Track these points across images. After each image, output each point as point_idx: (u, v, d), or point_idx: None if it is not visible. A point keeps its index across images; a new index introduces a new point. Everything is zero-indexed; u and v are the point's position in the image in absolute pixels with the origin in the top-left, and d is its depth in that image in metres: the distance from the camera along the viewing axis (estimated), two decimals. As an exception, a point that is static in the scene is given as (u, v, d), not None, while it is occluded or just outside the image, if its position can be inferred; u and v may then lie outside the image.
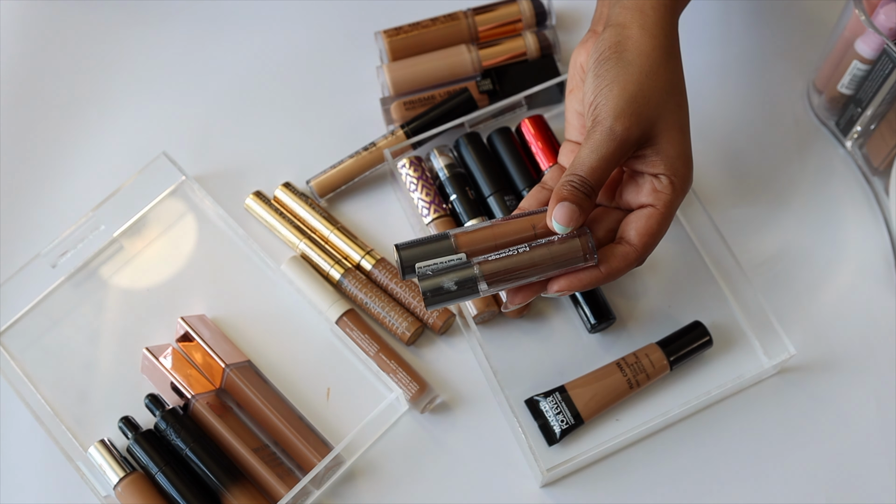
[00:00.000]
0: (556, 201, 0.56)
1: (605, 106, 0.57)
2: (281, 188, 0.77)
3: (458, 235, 0.58)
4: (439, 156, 0.76)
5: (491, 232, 0.58)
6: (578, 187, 0.56)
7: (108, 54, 0.85)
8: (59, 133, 0.82)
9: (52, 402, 0.72)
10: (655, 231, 0.58)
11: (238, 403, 0.70)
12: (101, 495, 0.67)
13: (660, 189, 0.58)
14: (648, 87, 0.57)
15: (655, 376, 0.69)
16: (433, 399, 0.70)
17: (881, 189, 0.76)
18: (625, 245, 0.58)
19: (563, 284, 0.58)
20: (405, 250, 0.57)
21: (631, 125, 0.56)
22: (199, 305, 0.75)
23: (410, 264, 0.57)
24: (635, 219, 0.59)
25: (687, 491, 0.68)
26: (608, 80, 0.57)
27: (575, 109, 0.64)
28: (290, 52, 0.84)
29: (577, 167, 0.57)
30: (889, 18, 0.68)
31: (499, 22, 0.81)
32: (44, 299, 0.76)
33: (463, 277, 0.56)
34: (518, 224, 0.58)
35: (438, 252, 0.57)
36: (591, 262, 0.57)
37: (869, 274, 0.74)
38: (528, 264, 0.57)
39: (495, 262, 0.56)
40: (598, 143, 0.56)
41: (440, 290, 0.56)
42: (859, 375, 0.71)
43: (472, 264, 0.57)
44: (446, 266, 0.57)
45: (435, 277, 0.56)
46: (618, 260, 0.58)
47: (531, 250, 0.57)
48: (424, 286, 0.56)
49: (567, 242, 0.57)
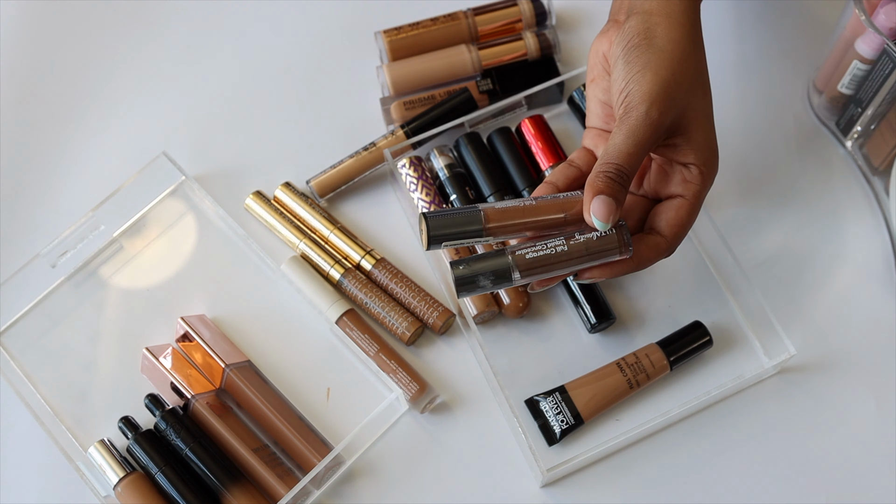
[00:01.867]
0: (592, 193, 0.55)
1: (637, 92, 0.56)
2: (281, 188, 0.77)
3: (487, 211, 0.56)
4: (439, 156, 0.76)
5: (521, 211, 0.57)
6: (615, 178, 0.55)
7: (108, 54, 0.85)
8: (59, 133, 0.82)
9: (52, 402, 0.72)
10: (686, 222, 0.58)
11: (238, 403, 0.70)
12: (101, 495, 0.67)
13: (689, 179, 0.58)
14: (680, 74, 0.56)
15: (655, 376, 0.69)
16: (433, 399, 0.70)
17: (881, 189, 0.76)
18: (655, 236, 0.58)
19: (594, 274, 0.58)
20: (433, 219, 0.55)
21: (665, 110, 0.56)
22: (199, 305, 0.75)
23: (437, 236, 0.55)
24: (665, 209, 0.59)
25: (687, 491, 0.68)
26: (639, 66, 0.56)
27: (597, 98, 0.63)
28: (289, 52, 0.84)
29: (612, 155, 0.56)
30: (889, 18, 0.68)
31: (499, 22, 0.81)
32: (44, 299, 0.76)
33: (498, 271, 0.56)
34: (549, 208, 0.57)
35: (466, 225, 0.56)
36: (626, 254, 0.57)
37: (869, 274, 0.74)
38: (564, 259, 0.56)
39: (532, 259, 0.56)
40: (632, 129, 0.55)
41: (474, 284, 0.56)
42: (859, 375, 0.71)
43: (506, 255, 0.56)
44: (479, 257, 0.56)
45: (468, 268, 0.56)
46: (648, 250, 0.58)
47: (569, 248, 0.56)
48: (459, 276, 0.56)
49: (605, 238, 0.56)
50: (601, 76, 0.62)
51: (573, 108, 0.79)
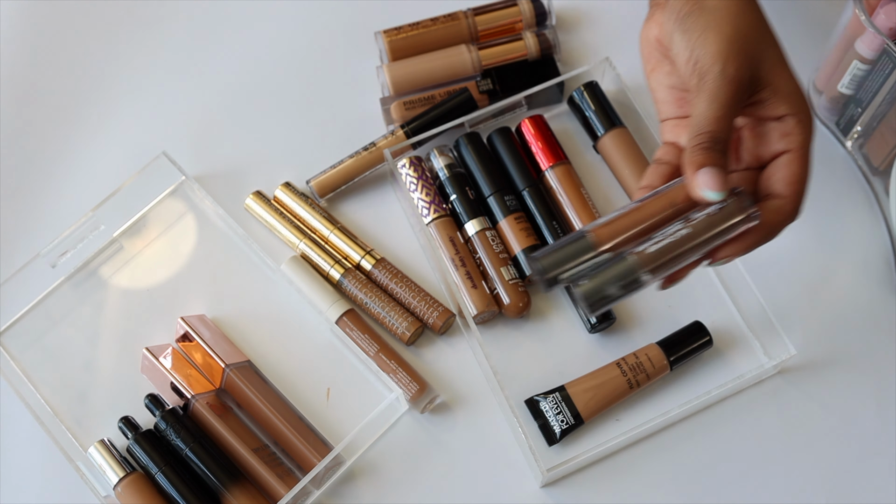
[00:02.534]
0: (693, 170, 0.52)
1: (706, 54, 0.53)
2: (281, 188, 0.77)
3: (596, 230, 0.52)
4: (439, 156, 0.76)
5: (631, 219, 0.53)
6: (710, 147, 0.52)
7: (109, 54, 0.85)
8: (59, 133, 0.82)
9: (52, 402, 0.72)
10: (801, 175, 0.54)
11: (238, 403, 0.70)
12: (101, 495, 0.67)
13: (788, 131, 0.55)
14: (743, 26, 0.54)
15: (655, 376, 0.69)
16: (433, 399, 0.70)
17: (881, 189, 0.76)
18: (775, 199, 0.54)
19: (728, 252, 0.54)
20: (544, 259, 0.51)
21: (740, 65, 0.53)
22: (199, 305, 0.75)
23: (554, 276, 0.52)
24: (775, 170, 0.55)
25: (687, 491, 0.68)
26: (699, 30, 0.54)
27: (663, 85, 0.60)
28: (290, 52, 0.84)
29: (701, 124, 0.53)
30: (889, 18, 0.68)
31: (499, 22, 0.81)
32: (44, 299, 0.76)
33: (625, 277, 0.51)
34: (656, 204, 0.54)
35: (578, 254, 0.52)
36: (754, 220, 0.53)
37: (869, 274, 0.74)
38: (691, 243, 0.52)
39: (658, 251, 0.52)
40: (714, 92, 0.53)
41: (604, 297, 0.51)
42: (859, 375, 0.71)
43: (626, 258, 0.52)
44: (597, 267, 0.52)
45: (592, 283, 0.51)
46: (773, 215, 0.54)
47: (693, 228, 0.52)
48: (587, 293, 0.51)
49: (725, 208, 0.52)
50: (660, 62, 0.60)
51: (573, 108, 0.79)
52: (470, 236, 0.74)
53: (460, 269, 0.72)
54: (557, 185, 0.75)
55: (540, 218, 0.74)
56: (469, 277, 0.71)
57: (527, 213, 0.74)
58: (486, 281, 0.72)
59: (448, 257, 0.72)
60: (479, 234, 0.73)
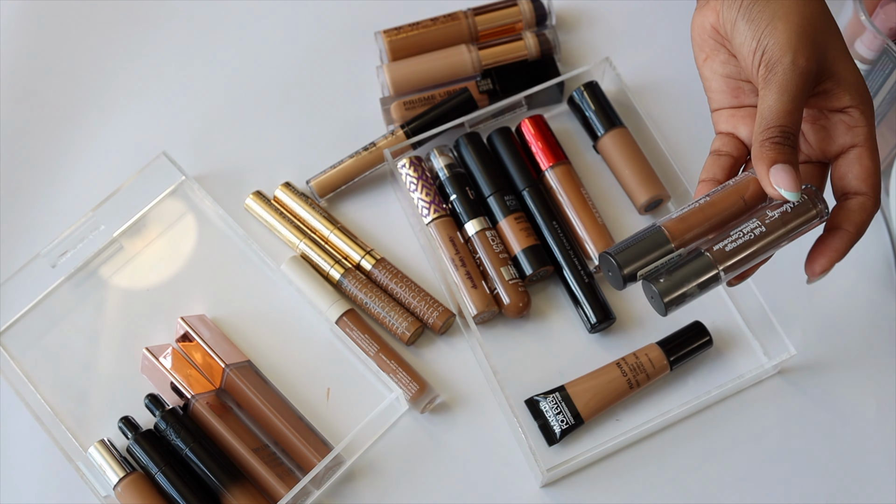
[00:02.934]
0: (766, 165, 0.51)
1: (775, 45, 0.52)
2: (281, 188, 0.77)
3: (668, 225, 0.52)
4: (439, 156, 0.76)
5: (703, 214, 0.53)
6: (782, 141, 0.51)
7: (109, 54, 0.85)
8: (59, 133, 0.82)
9: (52, 402, 0.72)
10: (873, 168, 0.54)
11: (238, 403, 0.70)
12: (101, 495, 0.67)
13: (854, 123, 0.54)
14: (810, 14, 0.53)
15: (655, 376, 0.69)
16: (433, 399, 0.70)
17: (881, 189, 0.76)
18: (856, 197, 0.54)
19: (824, 264, 0.54)
20: (620, 254, 0.51)
21: (810, 55, 0.52)
22: (199, 305, 0.75)
23: (631, 272, 0.51)
24: (847, 166, 0.54)
25: (687, 491, 0.68)
26: (766, 19, 0.53)
27: (718, 74, 0.59)
28: (290, 52, 0.84)
29: (771, 117, 0.52)
30: (889, 18, 0.68)
31: (499, 22, 0.81)
32: (44, 299, 0.75)
33: (703, 274, 0.51)
34: (727, 199, 0.53)
35: (654, 248, 0.52)
36: (825, 216, 0.53)
37: (869, 274, 0.74)
38: (766, 241, 0.52)
39: (733, 249, 0.52)
40: (783, 83, 0.52)
41: (682, 296, 0.51)
42: (859, 375, 0.71)
43: (704, 255, 0.52)
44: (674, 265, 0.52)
45: (669, 277, 0.51)
46: (858, 213, 0.54)
47: (766, 226, 0.52)
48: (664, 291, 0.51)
49: (798, 206, 0.53)
50: (715, 50, 0.59)
51: (573, 108, 0.79)
52: (470, 236, 0.74)
53: (460, 269, 0.72)
54: (557, 185, 0.75)
55: (540, 218, 0.74)
56: (469, 277, 0.71)
57: (527, 213, 0.74)
58: (486, 281, 0.72)
59: (448, 257, 0.72)
60: (479, 234, 0.73)
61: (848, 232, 0.54)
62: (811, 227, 0.54)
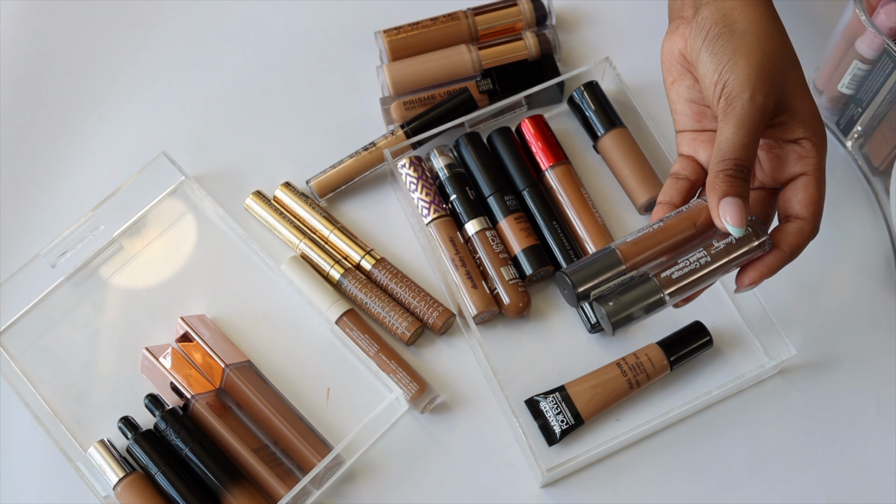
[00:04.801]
0: (717, 197, 0.54)
1: (735, 81, 0.54)
2: (281, 188, 0.77)
3: (622, 248, 0.56)
4: (439, 156, 0.76)
5: (656, 238, 0.56)
6: (735, 174, 0.54)
7: (108, 54, 0.85)
8: (59, 133, 0.82)
9: (52, 402, 0.72)
10: (818, 197, 0.57)
11: (238, 403, 0.70)
12: (101, 495, 0.67)
13: (805, 154, 0.56)
14: (771, 51, 0.55)
15: (655, 376, 0.69)
16: (433, 399, 0.70)
17: (881, 189, 0.76)
18: (795, 220, 0.57)
19: (753, 277, 0.57)
20: (575, 274, 0.55)
21: (768, 92, 0.54)
22: (199, 305, 0.75)
23: (585, 291, 0.55)
24: (793, 192, 0.57)
25: (687, 491, 0.68)
26: (728, 54, 0.55)
27: (683, 98, 0.61)
28: (290, 52, 0.84)
29: (727, 150, 0.54)
30: (889, 18, 0.68)
31: (499, 22, 0.81)
32: (44, 299, 0.75)
33: (649, 300, 0.55)
34: (679, 224, 0.57)
35: (607, 269, 0.55)
36: (766, 248, 0.56)
37: (869, 274, 0.74)
38: (710, 270, 0.56)
39: (679, 277, 0.55)
40: (740, 118, 0.54)
41: (629, 317, 0.55)
42: (860, 375, 0.71)
43: (651, 280, 0.55)
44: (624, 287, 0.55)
45: (618, 303, 0.55)
46: (795, 237, 0.56)
47: (711, 257, 0.56)
48: (612, 313, 0.55)
49: (742, 237, 0.56)
50: (682, 75, 0.61)
51: (573, 108, 0.79)
52: (470, 236, 0.73)
53: (460, 269, 0.72)
54: (557, 185, 0.75)
55: (540, 218, 0.74)
56: (469, 277, 0.71)
57: (527, 213, 0.74)
58: (486, 281, 0.72)
59: (448, 257, 0.72)
60: (479, 234, 0.73)
61: (782, 252, 0.57)
62: (754, 257, 0.57)
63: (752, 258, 0.57)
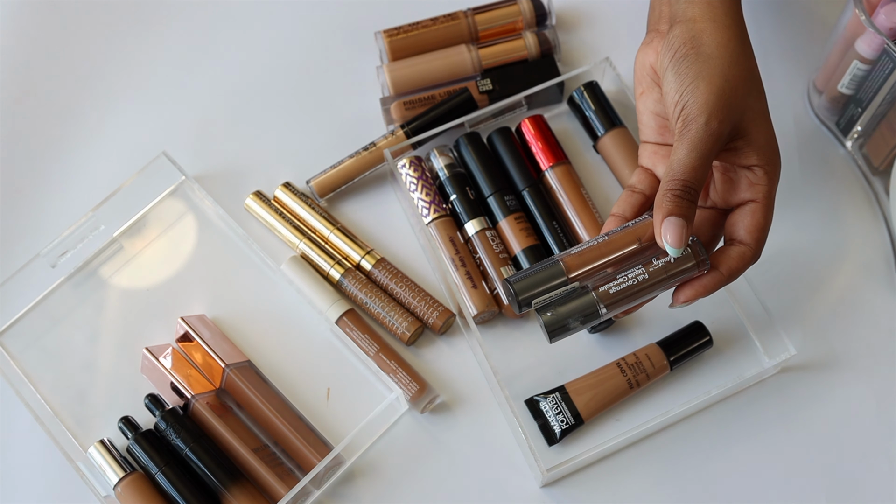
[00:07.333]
0: (662, 215, 0.55)
1: (694, 104, 0.55)
2: (281, 188, 0.77)
3: (566, 259, 0.57)
4: (439, 156, 0.76)
5: (600, 251, 0.57)
6: (682, 195, 0.55)
7: (108, 54, 0.85)
8: (59, 133, 0.82)
9: (52, 402, 0.72)
10: (763, 225, 0.58)
11: (238, 403, 0.70)
12: (101, 495, 0.67)
13: (756, 182, 0.57)
14: (733, 78, 0.56)
15: (655, 376, 0.69)
16: (433, 399, 0.70)
17: (881, 189, 0.76)
18: (738, 245, 0.58)
19: (689, 295, 0.57)
20: (518, 283, 0.56)
21: (724, 118, 0.55)
22: (199, 305, 0.75)
23: (526, 299, 0.56)
24: (740, 217, 0.58)
25: (687, 491, 0.68)
26: (691, 76, 0.56)
27: (650, 110, 0.62)
28: (290, 52, 0.84)
29: (677, 171, 0.55)
30: (889, 18, 0.68)
31: (499, 22, 0.81)
32: (44, 299, 0.76)
33: (586, 311, 0.56)
34: (623, 239, 0.58)
35: (549, 280, 0.56)
36: (704, 268, 0.57)
37: (869, 274, 0.74)
38: (646, 286, 0.57)
39: (616, 292, 0.56)
40: (694, 142, 0.55)
41: (565, 328, 0.57)
42: (859, 375, 0.71)
43: (590, 292, 0.56)
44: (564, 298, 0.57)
45: (556, 313, 0.56)
46: (736, 261, 0.57)
47: (649, 275, 0.57)
48: (548, 322, 0.56)
49: (681, 257, 0.57)
50: (650, 88, 0.62)
51: (573, 108, 0.79)
52: (470, 236, 0.74)
53: (460, 269, 0.72)
54: (557, 185, 0.75)
55: (540, 218, 0.74)
56: (469, 277, 0.71)
57: (527, 213, 0.74)
58: (486, 281, 0.72)
59: (448, 257, 0.72)
60: (479, 234, 0.73)
61: (721, 274, 0.57)
62: (692, 276, 0.58)
63: (690, 277, 0.57)
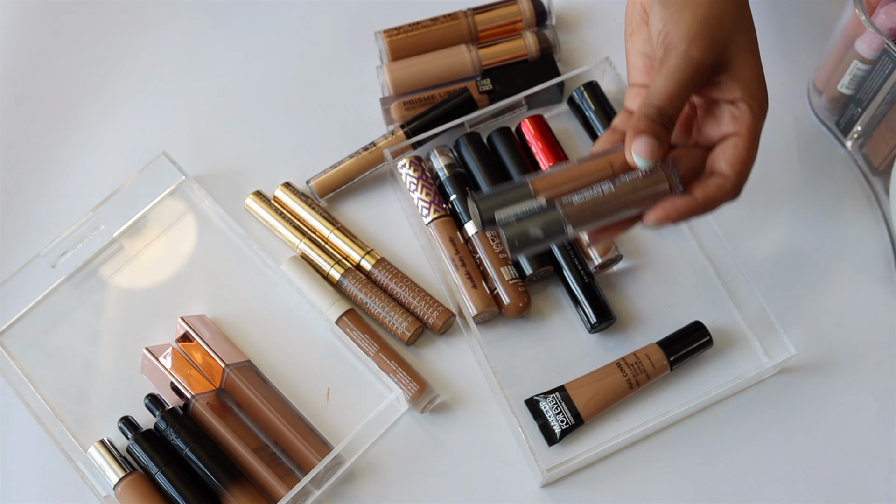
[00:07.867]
0: (633, 135, 0.54)
1: (676, 31, 0.55)
2: (281, 188, 0.77)
3: (535, 181, 0.56)
4: (439, 156, 0.76)
5: (569, 174, 0.56)
6: (655, 119, 0.54)
7: (109, 54, 0.85)
8: (59, 132, 0.82)
9: (52, 402, 0.72)
10: (745, 158, 0.56)
11: (238, 403, 0.70)
12: (101, 495, 0.67)
13: (739, 116, 0.56)
14: (719, 10, 0.55)
15: (655, 376, 0.69)
16: (433, 399, 0.70)
17: (881, 189, 0.76)
18: (717, 176, 0.56)
19: (659, 214, 0.56)
20: (483, 201, 0.55)
21: (706, 48, 0.54)
22: (199, 305, 0.75)
23: (490, 216, 0.55)
24: (722, 150, 0.57)
25: (687, 491, 0.68)
26: (676, 5, 0.56)
27: (638, 51, 0.61)
28: (290, 52, 0.84)
29: (653, 97, 0.54)
30: (889, 18, 0.68)
31: (499, 22, 0.81)
32: (44, 299, 0.76)
33: (549, 222, 0.54)
34: (595, 164, 0.56)
35: (517, 200, 0.55)
36: (677, 191, 0.55)
37: (869, 274, 0.74)
38: (613, 202, 0.55)
39: (580, 203, 0.55)
40: (673, 70, 0.54)
41: (527, 237, 0.54)
42: (859, 375, 0.71)
43: (555, 207, 0.55)
44: (529, 213, 0.55)
45: (519, 225, 0.54)
46: (713, 189, 0.56)
47: (616, 188, 0.55)
48: (509, 234, 0.54)
49: (651, 176, 0.55)
50: (640, 28, 0.61)
51: (573, 108, 0.79)
52: (470, 236, 0.74)
53: (460, 269, 0.72)
54: (557, 185, 0.75)
55: (540, 218, 0.74)
56: (469, 277, 0.72)
57: (527, 213, 0.74)
58: (486, 281, 0.72)
59: (448, 257, 0.72)
60: (479, 234, 0.73)
61: (695, 199, 0.56)
62: (662, 198, 0.56)
63: (660, 199, 0.56)
